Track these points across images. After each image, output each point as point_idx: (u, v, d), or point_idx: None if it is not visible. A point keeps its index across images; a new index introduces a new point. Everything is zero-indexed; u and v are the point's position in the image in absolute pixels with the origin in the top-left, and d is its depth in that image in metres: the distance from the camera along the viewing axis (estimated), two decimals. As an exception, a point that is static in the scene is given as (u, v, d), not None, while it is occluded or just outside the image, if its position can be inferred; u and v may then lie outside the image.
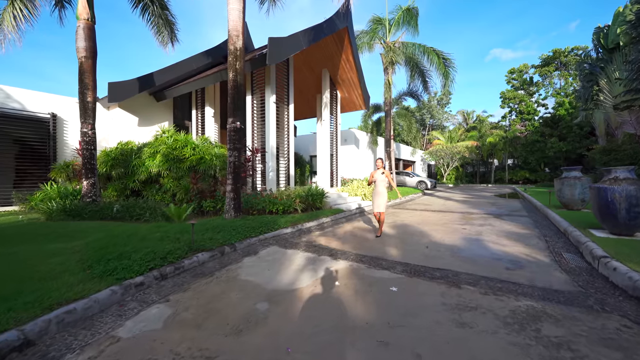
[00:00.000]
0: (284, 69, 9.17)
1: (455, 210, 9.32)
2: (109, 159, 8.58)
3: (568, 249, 4.52)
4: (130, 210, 6.78)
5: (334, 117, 12.17)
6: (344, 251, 4.55)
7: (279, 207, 6.92)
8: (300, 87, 12.75)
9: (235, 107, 5.81)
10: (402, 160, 27.11)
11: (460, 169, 32.29)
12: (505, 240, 5.13)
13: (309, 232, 6.00)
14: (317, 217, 7.01)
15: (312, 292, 3.03)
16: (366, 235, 5.72)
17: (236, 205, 5.88)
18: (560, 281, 3.22)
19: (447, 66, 13.64)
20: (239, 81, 5.84)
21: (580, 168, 7.55)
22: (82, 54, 7.37)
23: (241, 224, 5.44)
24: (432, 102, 43.12)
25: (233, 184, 5.84)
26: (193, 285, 3.26)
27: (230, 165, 5.84)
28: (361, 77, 11.46)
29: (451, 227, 6.49)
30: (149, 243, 4.04)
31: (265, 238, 5.30)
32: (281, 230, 5.76)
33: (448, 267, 3.71)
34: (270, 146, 8.61)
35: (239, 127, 5.81)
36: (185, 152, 7.98)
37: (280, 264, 3.94)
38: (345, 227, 6.64)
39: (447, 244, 4.93)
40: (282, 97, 9.22)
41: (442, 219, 7.69)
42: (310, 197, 7.60)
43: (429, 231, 6.03)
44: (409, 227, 6.52)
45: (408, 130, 18.54)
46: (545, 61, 36.88)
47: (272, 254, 4.47)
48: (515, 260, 4.00)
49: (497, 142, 31.57)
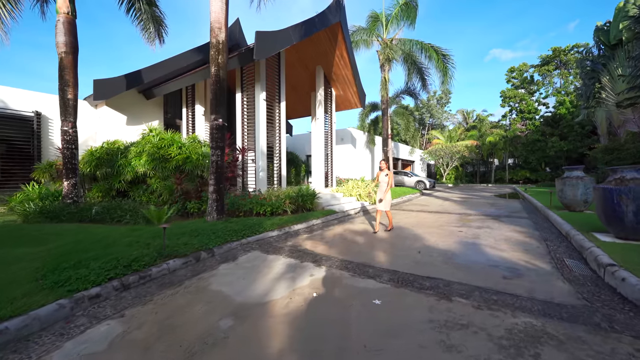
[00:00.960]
0: (274, 65, 8.86)
1: (452, 212, 9.00)
2: (93, 159, 8.30)
3: (571, 254, 4.20)
4: (110, 212, 6.49)
5: (329, 115, 11.85)
6: (329, 257, 4.24)
7: (267, 209, 6.61)
8: (294, 84, 12.44)
9: (218, 104, 5.49)
10: (400, 159, 26.77)
11: (460, 168, 31.95)
12: (503, 245, 4.81)
13: (296, 235, 5.69)
14: (306, 219, 6.69)
15: (285, 305, 2.72)
16: (356, 239, 5.40)
17: (219, 207, 5.57)
18: (562, 292, 2.90)
19: (446, 63, 13.31)
20: (222, 76, 5.52)
21: (583, 167, 7.22)
22: (62, 49, 7.07)
23: (223, 227, 5.13)
24: (432, 101, 42.78)
25: (215, 185, 5.53)
26: (157, 297, 2.95)
27: (212, 165, 5.53)
28: (356, 74, 11.14)
29: (447, 229, 6.17)
30: (115, 249, 3.73)
31: (248, 242, 4.99)
32: (266, 233, 5.45)
33: (440, 276, 3.40)
34: (261, 145, 8.30)
35: (221, 125, 5.50)
36: (170, 152, 7.68)
37: (258, 272, 3.63)
38: (336, 229, 6.32)
39: (440, 249, 4.61)
40: (273, 94, 8.91)
41: (438, 220, 7.37)
42: (300, 198, 7.28)
43: (423, 234, 5.71)
44: (402, 230, 6.20)
45: (406, 129, 18.17)
46: (544, 60, 36.52)
47: (252, 260, 4.16)
48: (513, 267, 3.68)
49: (497, 141, 31.22)
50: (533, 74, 37.78)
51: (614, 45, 12.97)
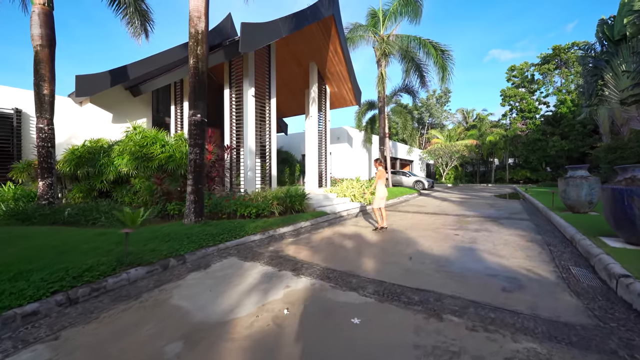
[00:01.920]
0: (264, 60, 8.48)
1: (450, 213, 8.62)
2: (73, 158, 7.93)
3: (577, 261, 3.82)
4: (86, 214, 6.12)
5: (323, 113, 11.47)
6: (312, 264, 3.86)
7: (252, 211, 6.23)
8: (288, 81, 12.06)
9: (196, 98, 5.12)
10: (399, 159, 26.38)
11: (459, 168, 31.54)
12: (503, 250, 4.43)
13: (281, 239, 5.31)
14: (294, 221, 6.32)
15: (249, 325, 2.34)
16: (344, 243, 5.02)
17: (197, 208, 5.19)
18: (570, 309, 2.53)
19: (445, 59, 12.92)
20: (201, 69, 5.15)
21: (587, 167, 6.84)
22: (37, 42, 6.70)
23: (200, 230, 4.76)
24: (431, 100, 42.39)
25: (194, 185, 5.15)
26: (105, 314, 2.58)
27: (190, 164, 5.15)
28: (351, 70, 10.76)
29: (442, 232, 5.79)
30: (71, 256, 3.36)
31: (226, 247, 4.61)
32: (248, 237, 5.07)
33: (430, 287, 3.02)
34: (249, 143, 7.92)
35: (199, 120, 5.12)
36: (153, 150, 7.31)
37: (229, 283, 3.25)
38: (325, 232, 5.94)
39: (434, 255, 4.23)
40: (263, 90, 8.54)
41: (434, 222, 6.99)
42: (288, 199, 6.90)
43: (416, 238, 5.33)
44: (395, 233, 5.82)
45: (403, 128, 17.76)
46: (544, 59, 36.06)
47: (226, 267, 3.79)
48: (513, 277, 3.30)
49: (497, 140, 30.81)
50: (533, 73, 37.35)
51: (618, 40, 12.56)
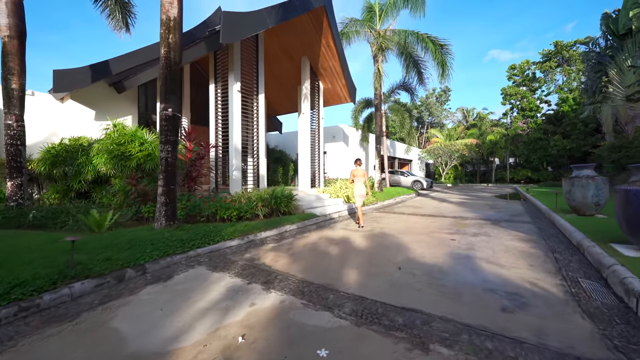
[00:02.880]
0: (251, 53, 8.04)
1: (447, 215, 8.17)
2: (49, 157, 7.51)
3: (586, 272, 3.38)
4: (54, 217, 5.70)
5: (316, 110, 11.02)
6: (288, 275, 3.42)
7: (233, 213, 5.79)
8: (280, 77, 11.63)
9: (167, 90, 4.68)
10: (397, 158, 25.92)
11: (459, 167, 31.06)
12: (503, 258, 3.99)
13: (261, 245, 4.87)
14: (279, 224, 5.88)
15: (192, 358, 1.91)
16: (329, 250, 4.58)
17: (169, 211, 4.76)
18: (583, 336, 2.09)
19: (444, 54, 12.47)
20: (173, 59, 4.71)
21: (594, 166, 6.39)
22: (5, 33, 6.27)
23: (169, 236, 4.33)
24: (431, 99, 41.91)
25: (165, 186, 4.72)
26: (25, 340, 2.15)
27: (161, 163, 4.72)
28: (344, 65, 10.32)
29: (438, 237, 5.35)
30: (6, 268, 2.93)
31: (197, 255, 4.18)
32: (224, 243, 4.64)
33: (419, 306, 2.58)
34: (234, 141, 7.48)
35: (171, 115, 4.68)
36: (131, 148, 6.88)
37: (187, 299, 2.82)
38: (311, 237, 5.50)
39: (426, 264, 3.79)
40: (250, 85, 8.10)
41: (430, 225, 6.55)
42: (273, 200, 6.46)
43: (409, 243, 4.89)
44: (386, 238, 5.38)
45: (401, 126, 17.28)
46: (546, 56, 35.54)
47: (190, 279, 3.35)
48: (515, 292, 2.86)
49: (498, 140, 30.33)
50: (535, 71, 36.84)
51: (623, 35, 12.09)
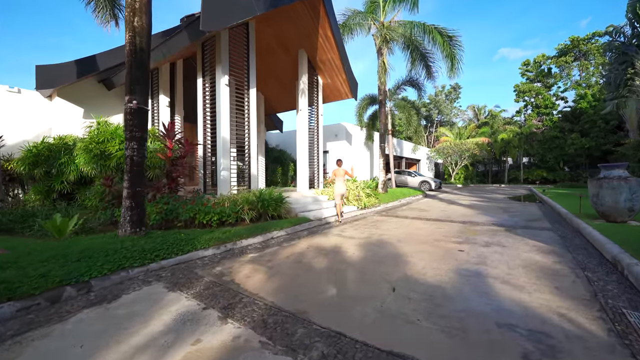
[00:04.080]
0: (241, 43, 7.48)
1: (455, 219, 7.43)
2: (30, 156, 7.14)
3: (631, 299, 2.66)
4: (22, 220, 5.28)
5: (315, 107, 10.40)
6: (255, 298, 2.82)
7: (214, 217, 5.23)
8: (277, 72, 11.06)
9: (133, 81, 4.15)
10: (404, 158, 25.04)
11: (470, 167, 29.87)
12: (521, 276, 3.29)
13: (239, 255, 4.29)
14: (266, 230, 5.29)
15: None
16: (314, 262, 3.96)
17: (135, 217, 4.22)
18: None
19: (453, 46, 11.66)
20: (139, 45, 4.18)
21: (626, 165, 5.56)
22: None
23: (129, 245, 3.78)
24: (440, 96, 40.71)
25: (130, 188, 4.18)
26: None
27: (126, 162, 4.19)
28: (345, 58, 9.66)
29: (443, 247, 4.66)
30: None
31: (160, 268, 3.62)
32: (196, 253, 4.08)
33: (411, 351, 1.94)
34: (222, 139, 6.94)
35: (136, 108, 4.14)
36: (110, 147, 6.42)
37: (122, 330, 2.25)
38: (299, 245, 4.89)
39: (427, 283, 3.13)
40: (241, 79, 7.55)
41: (436, 232, 5.85)
42: (260, 203, 5.88)
43: (409, 255, 4.22)
44: (384, 247, 4.72)
45: (407, 124, 16.47)
46: (562, 51, 33.91)
47: (139, 301, 2.79)
48: (541, 330, 2.18)
49: (510, 138, 29.03)
50: (550, 66, 35.24)
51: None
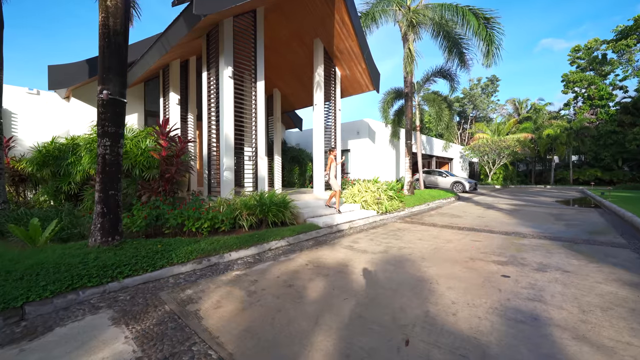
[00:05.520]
0: (247, 32, 6.83)
1: (495, 229, 6.20)
2: (39, 156, 7.07)
3: None
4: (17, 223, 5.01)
5: (333, 101, 9.53)
6: (211, 345, 2.06)
7: (204, 224, 4.59)
8: (294, 67, 10.36)
9: (105, 69, 3.60)
10: (435, 157, 23.26)
11: (510, 167, 27.15)
12: (604, 327, 2.21)
13: (222, 273, 3.58)
14: (263, 239, 4.56)
15: None
16: (308, 288, 3.13)
17: (107, 224, 3.65)
18: None
19: (490, 29, 10.20)
20: (112, 27, 3.62)
21: None
22: (-21, 22, 5.81)
23: (92, 259, 3.21)
24: (475, 90, 37.82)
25: (102, 191, 3.63)
26: None
27: (98, 161, 3.65)
28: (364, 45, 8.68)
29: (481, 270, 3.60)
30: None
31: (122, 288, 3.00)
32: (171, 268, 3.43)
33: None
34: (225, 136, 6.35)
35: (107, 99, 3.59)
36: (109, 146, 6.05)
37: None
38: (297, 260, 4.08)
39: (457, 333, 2.17)
40: (247, 70, 6.92)
41: (471, 246, 4.75)
42: (259, 208, 5.15)
43: (434, 281, 3.24)
44: (402, 268, 3.76)
45: (438, 119, 14.94)
46: (622, 33, 29.77)
47: (69, 338, 2.15)
48: None
49: (558, 134, 25.98)
50: (605, 52, 31.18)
51: None
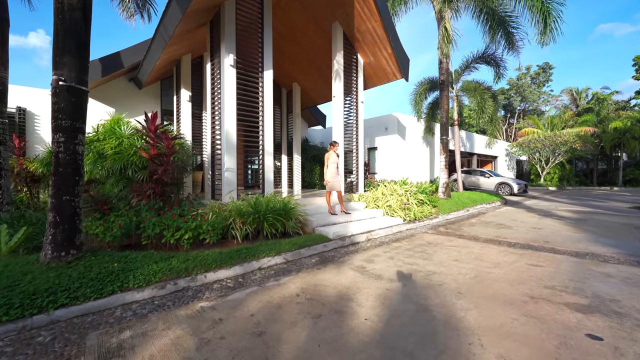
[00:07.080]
0: (253, 16, 6.08)
1: (559, 246, 4.75)
2: (49, 157, 6.99)
3: None
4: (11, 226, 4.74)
5: (355, 92, 8.47)
6: None
7: (185, 235, 3.88)
8: (313, 58, 9.50)
9: (60, 49, 3.01)
10: (476, 155, 20.92)
11: (567, 165, 23.70)
12: None
13: (187, 302, 2.79)
14: (252, 255, 3.73)
15: None
16: (287, 338, 2.21)
17: (59, 235, 3.04)
18: None
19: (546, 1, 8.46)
20: (67, 3, 3.02)
21: None
22: (-17, 20, 5.71)
23: (27, 280, 2.60)
24: (524, 79, 33.96)
25: (55, 197, 3.04)
26: None
27: (52, 161, 3.07)
28: (389, 26, 7.50)
29: (550, 322, 2.40)
30: None
31: (49, 322, 2.33)
32: (122, 295, 2.72)
33: None
34: (226, 132, 5.66)
35: (63, 87, 2.98)
36: (106, 145, 5.68)
37: None
38: (289, 287, 3.17)
39: None
40: (253, 58, 6.17)
41: (528, 274, 3.48)
42: (251, 216, 4.33)
43: (476, 338, 2.14)
44: (426, 311, 2.68)
45: (480, 111, 13.00)
46: None
47: None
48: None
49: (629, 127, 22.10)
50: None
51: None
